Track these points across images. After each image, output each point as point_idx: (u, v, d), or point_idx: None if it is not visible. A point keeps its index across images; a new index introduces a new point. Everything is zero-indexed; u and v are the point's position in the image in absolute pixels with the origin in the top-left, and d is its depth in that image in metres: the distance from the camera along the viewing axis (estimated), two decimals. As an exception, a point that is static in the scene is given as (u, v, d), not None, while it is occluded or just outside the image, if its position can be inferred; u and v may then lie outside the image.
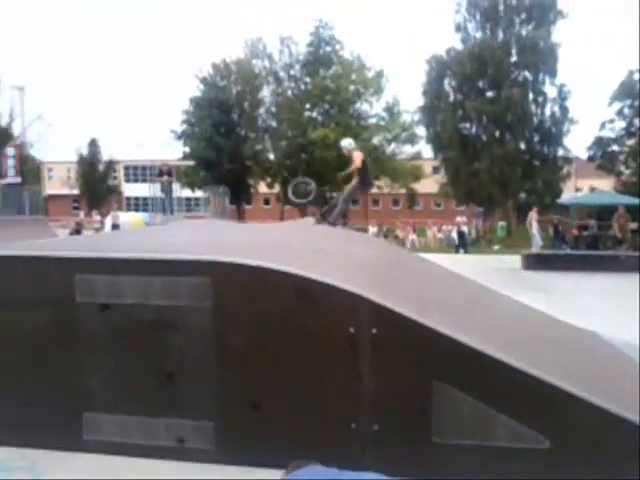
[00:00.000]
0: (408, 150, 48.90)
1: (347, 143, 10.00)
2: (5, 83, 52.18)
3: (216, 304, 4.31)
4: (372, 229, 31.49)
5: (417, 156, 48.89)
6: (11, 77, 51.12)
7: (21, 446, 4.55)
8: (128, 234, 11.16)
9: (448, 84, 41.48)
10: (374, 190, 51.80)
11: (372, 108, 48.81)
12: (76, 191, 60.31)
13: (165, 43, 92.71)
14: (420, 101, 43.27)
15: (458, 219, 31.82)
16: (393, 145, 48.77)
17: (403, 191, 51.78)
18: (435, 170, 48.81)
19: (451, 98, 41.29)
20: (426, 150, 46.82)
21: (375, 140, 48.02)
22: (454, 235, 30.84)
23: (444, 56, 41.25)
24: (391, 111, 48.13)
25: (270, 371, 4.27)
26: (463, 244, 28.57)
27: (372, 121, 48.96)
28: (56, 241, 8.78)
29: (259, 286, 4.31)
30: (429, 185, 48.64)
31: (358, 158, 9.47)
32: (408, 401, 4.06)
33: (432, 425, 3.99)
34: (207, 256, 4.46)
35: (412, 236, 32.37)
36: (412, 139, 47.61)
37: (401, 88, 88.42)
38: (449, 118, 39.88)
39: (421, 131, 45.74)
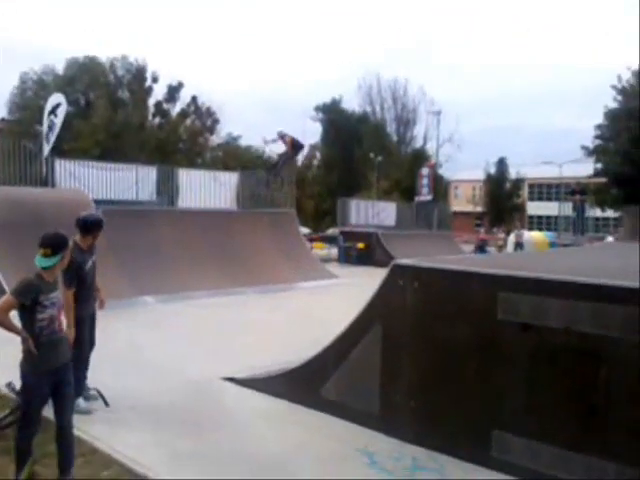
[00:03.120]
0: None
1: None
2: (422, 109, 57.60)
3: (652, 338, 3.81)
4: None
5: None
6: (429, 104, 56.19)
7: (432, 449, 4.78)
8: (548, 254, 11.00)
9: None
10: None
11: None
12: (479, 208, 62.37)
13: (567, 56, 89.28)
14: None
15: None
16: None
17: None
18: None
19: None
20: None
21: None
22: None
23: None
24: None
25: None
26: None
27: None
28: (477, 258, 9.12)
29: None
30: None
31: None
32: None
33: None
34: (643, 284, 3.98)
35: None
36: None
37: None
38: None
39: None
